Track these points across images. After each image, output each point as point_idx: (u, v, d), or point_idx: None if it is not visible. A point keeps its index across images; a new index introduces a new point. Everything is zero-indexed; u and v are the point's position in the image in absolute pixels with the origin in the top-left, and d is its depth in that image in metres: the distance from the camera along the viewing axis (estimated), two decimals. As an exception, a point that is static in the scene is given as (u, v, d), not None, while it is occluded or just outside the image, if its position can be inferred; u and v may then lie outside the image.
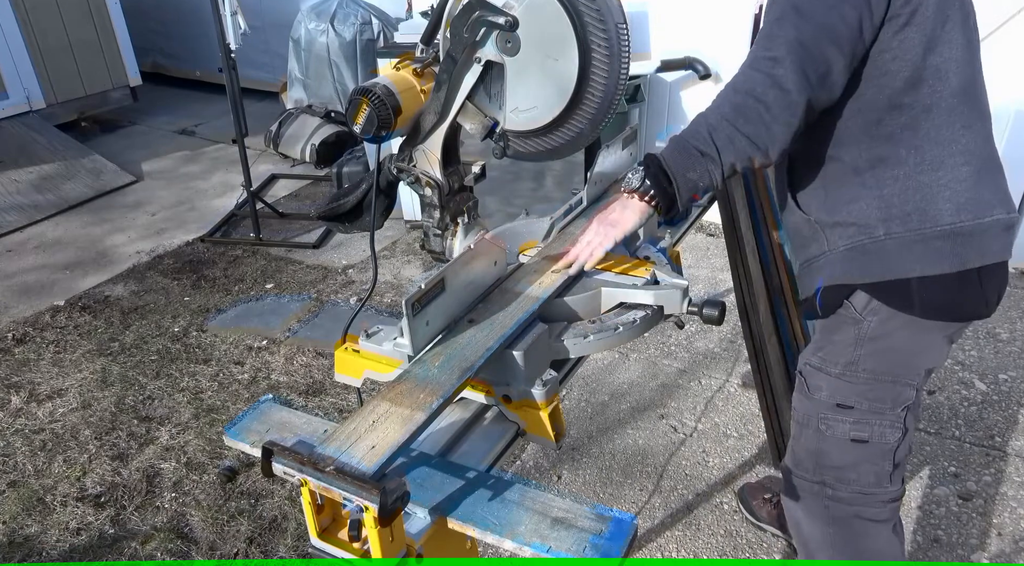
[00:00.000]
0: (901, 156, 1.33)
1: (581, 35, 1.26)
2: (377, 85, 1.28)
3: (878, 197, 1.35)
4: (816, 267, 1.47)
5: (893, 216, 1.34)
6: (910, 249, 1.34)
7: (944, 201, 1.32)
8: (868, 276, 1.39)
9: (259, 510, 2.47)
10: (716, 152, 1.25)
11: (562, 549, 0.99)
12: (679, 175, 1.28)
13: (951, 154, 1.32)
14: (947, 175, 1.32)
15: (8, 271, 4.20)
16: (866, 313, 1.42)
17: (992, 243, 1.35)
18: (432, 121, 1.37)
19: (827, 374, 1.50)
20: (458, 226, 1.48)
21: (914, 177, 1.33)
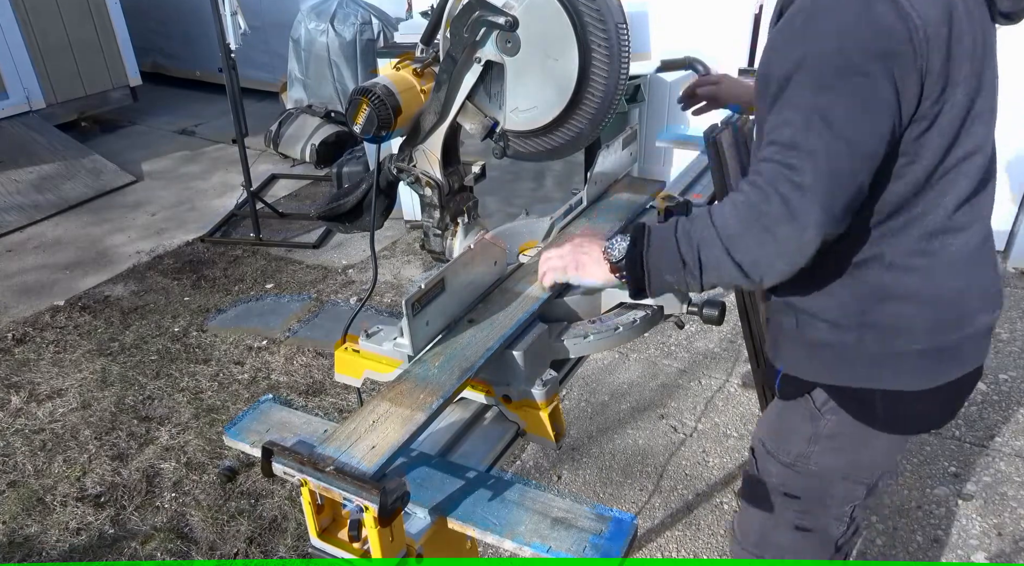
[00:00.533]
0: (885, 263, 1.18)
1: (581, 35, 1.26)
2: (377, 85, 1.28)
3: (855, 301, 1.21)
4: (781, 346, 1.35)
5: (867, 324, 1.21)
6: (881, 363, 1.23)
7: (925, 318, 1.20)
8: (832, 379, 1.28)
9: (259, 510, 2.47)
10: (699, 270, 1.12)
11: (562, 549, 0.99)
12: (655, 274, 1.17)
13: (941, 264, 1.18)
14: (933, 289, 1.19)
15: (8, 271, 4.20)
16: (825, 411, 1.31)
17: (970, 353, 1.26)
18: (432, 121, 1.37)
19: (778, 461, 1.40)
20: (458, 226, 1.48)
21: (896, 289, 1.19)
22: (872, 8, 1.01)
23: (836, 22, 1.02)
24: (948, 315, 1.21)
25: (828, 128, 1.02)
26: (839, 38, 1.01)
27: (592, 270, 1.26)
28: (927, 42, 1.01)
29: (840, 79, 1.01)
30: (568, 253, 1.30)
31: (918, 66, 1.02)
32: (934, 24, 1.02)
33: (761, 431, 1.48)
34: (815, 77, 1.02)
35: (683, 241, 1.12)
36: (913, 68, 1.02)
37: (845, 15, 1.02)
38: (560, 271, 1.30)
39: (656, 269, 1.16)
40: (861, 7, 1.01)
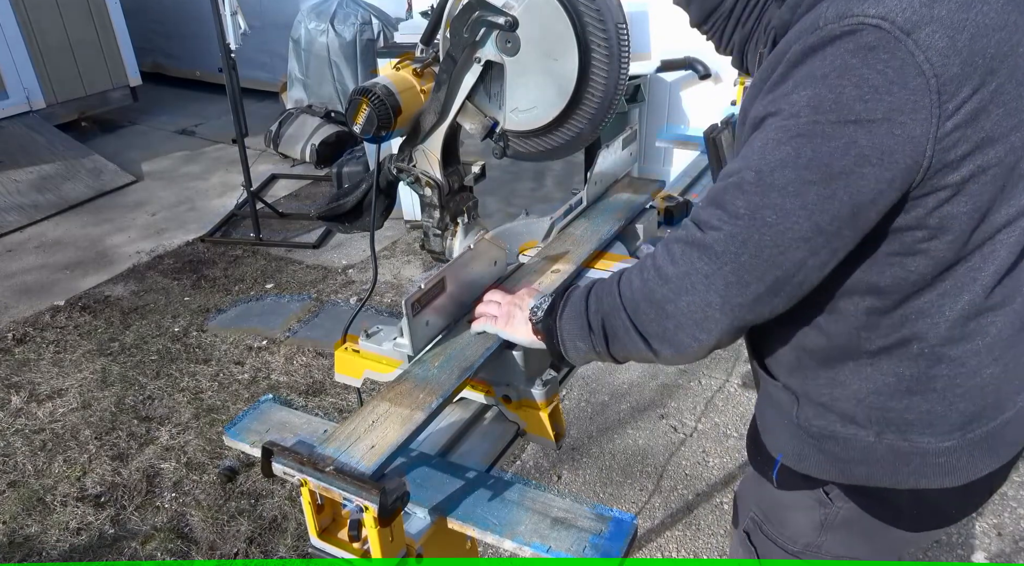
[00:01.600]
0: (912, 352, 0.98)
1: (581, 35, 1.26)
2: (377, 85, 1.28)
3: (873, 393, 1.01)
4: (778, 433, 1.14)
5: (888, 420, 1.01)
6: (907, 461, 1.03)
7: (957, 412, 1.00)
8: (847, 478, 1.08)
9: (259, 510, 2.47)
10: (604, 340, 1.02)
11: (562, 549, 0.99)
12: (568, 341, 1.08)
13: (975, 352, 0.97)
14: (967, 380, 0.98)
15: (8, 271, 4.20)
16: (835, 497, 1.12)
17: (1009, 439, 1.06)
18: (432, 121, 1.37)
19: (781, 549, 1.23)
20: (458, 226, 1.48)
21: (923, 381, 0.99)
22: (866, 63, 0.80)
23: (818, 72, 0.82)
24: (984, 405, 1.01)
25: (760, 191, 0.85)
26: (814, 91, 0.83)
27: (520, 329, 1.18)
28: (938, 99, 0.79)
29: (797, 140, 0.83)
30: (505, 305, 1.22)
31: (921, 131, 0.81)
32: (953, 77, 0.79)
33: (751, 504, 1.28)
34: (773, 131, 0.85)
35: (592, 306, 1.04)
36: (909, 134, 0.81)
37: (831, 67, 0.82)
38: (491, 322, 1.23)
39: (569, 338, 1.07)
40: (853, 59, 0.80)
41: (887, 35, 0.79)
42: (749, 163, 0.87)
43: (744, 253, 0.87)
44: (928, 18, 0.79)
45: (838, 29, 0.81)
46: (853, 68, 0.80)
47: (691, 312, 0.92)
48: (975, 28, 0.80)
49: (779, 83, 0.86)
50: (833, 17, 0.82)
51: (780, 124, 0.85)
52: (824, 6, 0.85)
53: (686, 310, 0.92)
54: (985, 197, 0.87)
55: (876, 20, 0.79)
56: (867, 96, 0.80)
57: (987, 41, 0.81)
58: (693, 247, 0.91)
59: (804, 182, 0.83)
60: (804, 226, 0.85)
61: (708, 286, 0.90)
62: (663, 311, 0.94)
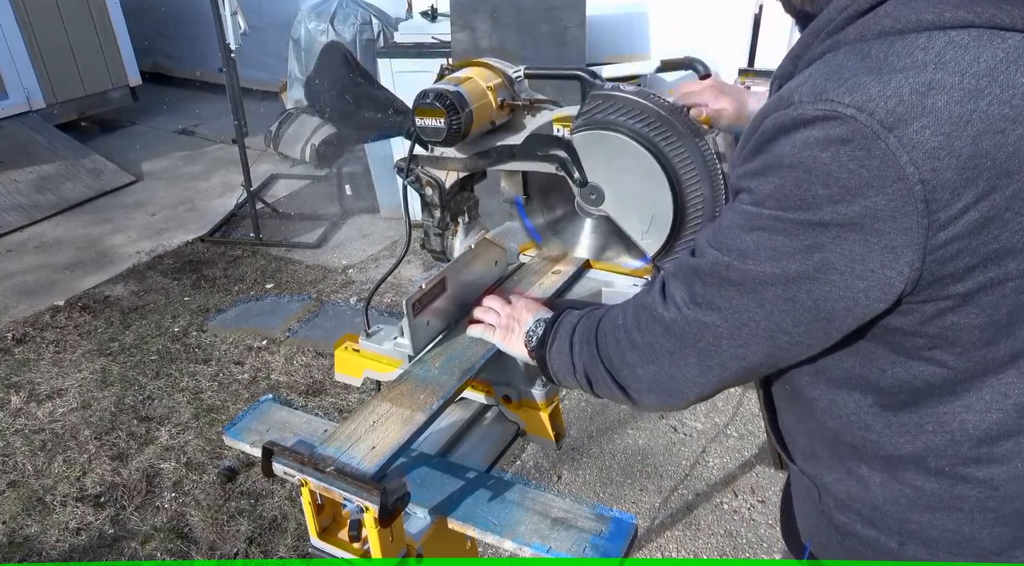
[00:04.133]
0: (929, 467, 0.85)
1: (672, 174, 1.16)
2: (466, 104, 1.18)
3: (891, 502, 0.89)
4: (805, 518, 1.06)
5: (913, 534, 0.89)
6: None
7: (991, 538, 0.86)
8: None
9: (259, 510, 2.47)
10: (589, 385, 1.02)
11: (562, 549, 0.99)
12: (559, 374, 1.07)
13: (1009, 477, 0.83)
14: (1003, 505, 0.84)
15: (8, 271, 4.20)
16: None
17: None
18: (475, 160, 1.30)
19: None
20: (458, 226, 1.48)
21: (946, 499, 0.86)
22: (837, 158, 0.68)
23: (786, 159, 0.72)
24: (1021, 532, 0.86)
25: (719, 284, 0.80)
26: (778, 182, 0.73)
27: (517, 345, 1.17)
28: (927, 207, 0.67)
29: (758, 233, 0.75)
30: (504, 317, 1.21)
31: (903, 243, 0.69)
32: (948, 182, 0.66)
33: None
34: (743, 215, 0.77)
35: (576, 349, 1.03)
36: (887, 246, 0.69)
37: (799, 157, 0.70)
38: (490, 332, 1.22)
39: (558, 370, 1.07)
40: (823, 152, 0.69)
41: (863, 129, 0.67)
42: (712, 245, 0.81)
43: (701, 341, 0.83)
44: (919, 110, 0.66)
45: (810, 112, 0.69)
46: (823, 164, 0.69)
47: (658, 381, 0.90)
48: (985, 122, 0.66)
49: (751, 157, 0.76)
50: (808, 96, 0.70)
51: (745, 209, 0.77)
52: (806, 76, 0.73)
53: (653, 378, 0.90)
54: (1004, 310, 0.74)
55: (852, 110, 0.67)
56: (836, 197, 0.69)
57: (1002, 138, 0.66)
58: (655, 321, 0.88)
59: (761, 282, 0.76)
60: (762, 325, 0.78)
61: (672, 362, 0.87)
62: (634, 373, 0.93)
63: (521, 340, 1.16)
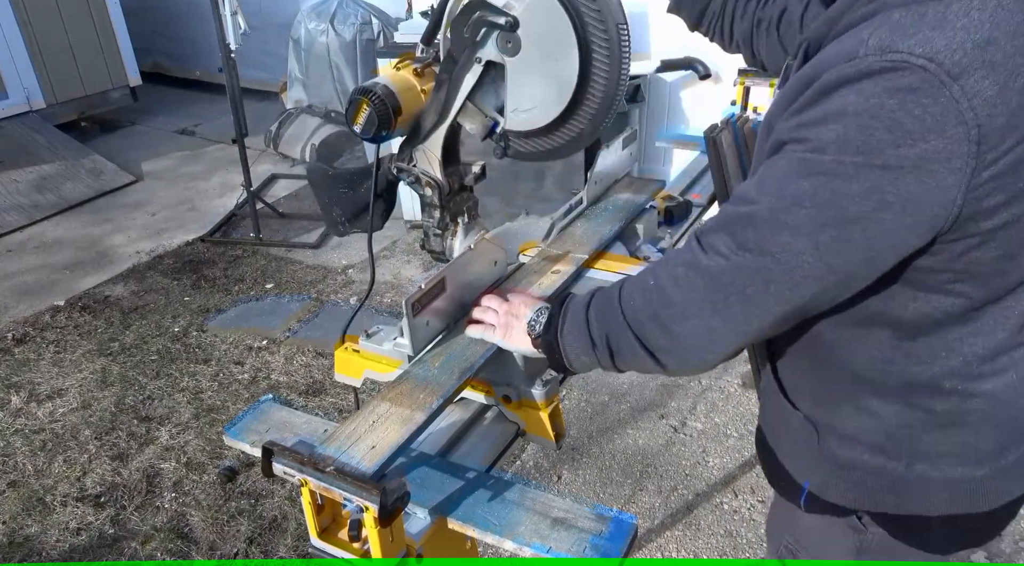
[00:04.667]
0: (943, 389, 0.95)
1: (582, 35, 1.26)
2: (377, 85, 1.28)
3: (901, 427, 0.99)
4: (802, 462, 1.12)
5: (921, 453, 0.99)
6: (937, 490, 1.01)
7: (991, 442, 0.98)
8: (876, 506, 1.06)
9: (259, 510, 2.47)
10: (609, 354, 1.01)
11: (562, 549, 0.99)
12: (571, 354, 1.06)
13: (1009, 385, 0.95)
14: (1000, 412, 0.97)
15: (8, 271, 4.20)
16: (868, 523, 1.10)
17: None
18: (432, 121, 1.37)
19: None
20: (458, 226, 1.48)
21: (953, 417, 0.96)
22: (903, 105, 0.74)
23: (851, 107, 0.76)
24: (1018, 433, 1.00)
25: (773, 227, 0.82)
26: (842, 129, 0.77)
27: (519, 339, 1.16)
28: (978, 149, 0.74)
29: (818, 177, 0.79)
30: (503, 315, 1.20)
31: (957, 180, 0.76)
32: (998, 128, 0.74)
33: (783, 532, 1.26)
34: (795, 163, 0.81)
35: (594, 322, 1.02)
36: (943, 183, 0.76)
37: (866, 104, 0.75)
38: (489, 331, 1.21)
39: (572, 351, 1.06)
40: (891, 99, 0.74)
41: (932, 78, 0.72)
42: (764, 192, 0.84)
43: (751, 286, 0.85)
44: (980, 62, 0.73)
45: (878, 63, 0.74)
46: (889, 110, 0.74)
47: (696, 335, 0.91)
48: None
49: (806, 108, 0.80)
50: (875, 48, 0.75)
51: (802, 156, 0.80)
52: (866, 31, 0.77)
53: (691, 333, 0.91)
54: (1016, 242, 0.84)
55: (922, 61, 0.73)
56: (900, 141, 0.74)
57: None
58: (698, 273, 0.89)
59: (818, 224, 0.80)
60: (815, 266, 0.82)
61: (713, 313, 0.88)
62: (669, 332, 0.93)
63: (523, 333, 1.15)
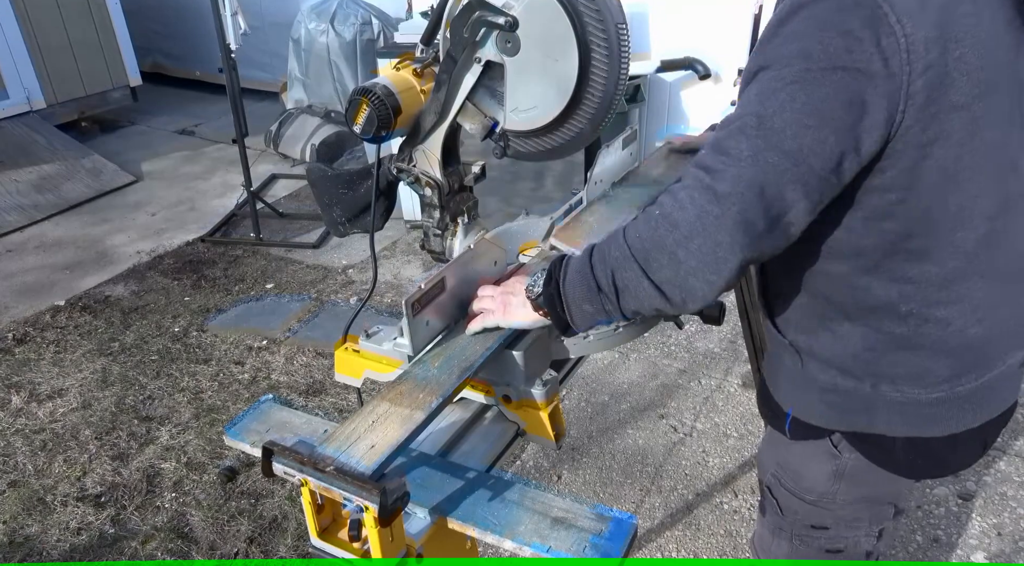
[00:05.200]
0: (900, 313, 1.08)
1: (581, 35, 1.26)
2: (377, 85, 1.28)
3: (867, 350, 1.12)
4: (788, 388, 1.26)
5: (883, 373, 1.13)
6: (900, 411, 1.14)
7: (945, 367, 1.10)
8: (847, 426, 1.20)
9: (259, 510, 2.47)
10: (615, 294, 1.03)
11: (562, 549, 0.99)
12: (573, 304, 1.08)
13: (962, 313, 1.07)
14: (953, 338, 1.08)
15: (8, 271, 4.20)
16: (843, 448, 1.23)
17: (999, 394, 1.16)
18: (432, 121, 1.37)
19: (801, 500, 1.34)
20: (458, 226, 1.48)
21: (912, 338, 1.09)
22: (847, 19, 0.89)
23: (805, 27, 0.91)
24: (972, 360, 1.11)
25: (761, 133, 0.92)
26: (801, 43, 0.91)
27: (518, 312, 1.18)
28: (908, 59, 0.88)
29: (792, 86, 0.91)
30: (498, 296, 1.22)
31: (894, 86, 0.89)
32: (920, 40, 0.88)
33: (771, 467, 1.38)
34: (768, 81, 0.93)
35: (597, 265, 1.04)
36: (884, 88, 0.89)
37: (817, 22, 0.91)
38: (489, 316, 1.22)
39: (575, 301, 1.07)
40: (836, 15, 0.89)
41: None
42: (748, 110, 0.94)
43: (749, 192, 0.93)
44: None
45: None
46: (837, 23, 0.89)
47: (703, 254, 0.95)
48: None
49: (770, 38, 0.95)
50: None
51: (774, 74, 0.93)
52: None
53: (697, 253, 0.95)
54: (950, 163, 0.96)
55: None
56: (852, 47, 0.88)
57: (953, 13, 0.90)
58: (702, 191, 0.95)
59: (801, 126, 0.91)
60: (801, 168, 0.92)
61: (718, 227, 0.94)
62: (675, 257, 0.97)
63: (521, 304, 1.17)
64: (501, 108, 1.36)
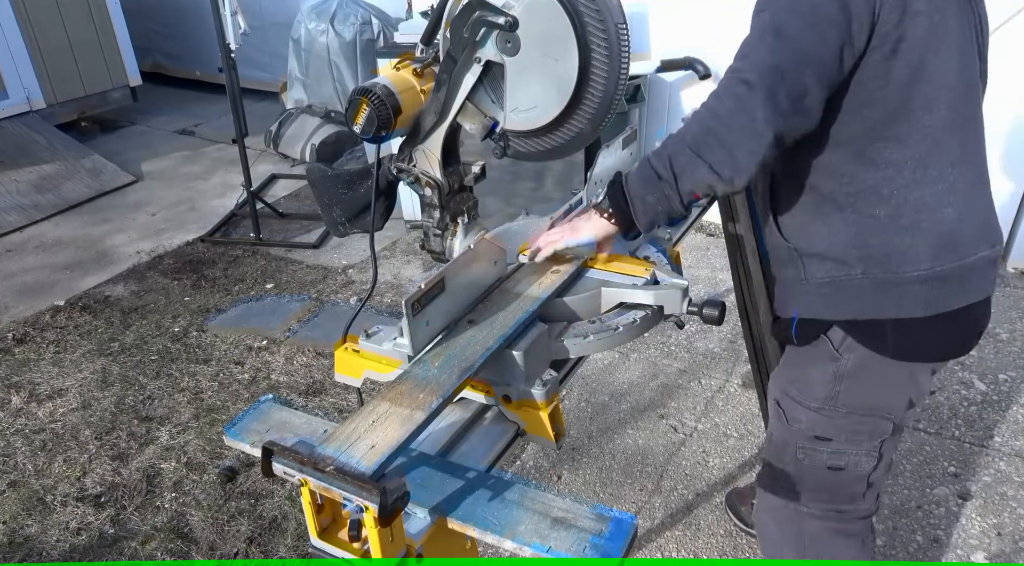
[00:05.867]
0: (883, 195, 1.27)
1: (581, 35, 1.26)
2: (377, 85, 1.28)
3: (857, 235, 1.30)
4: (792, 295, 1.45)
5: (871, 256, 1.30)
6: (887, 291, 1.31)
7: (924, 245, 1.28)
8: (843, 314, 1.36)
9: (259, 510, 2.47)
10: (673, 178, 1.23)
11: (562, 549, 0.99)
12: (636, 198, 1.29)
13: (935, 194, 1.27)
14: (929, 217, 1.27)
15: (8, 271, 4.20)
16: (843, 349, 1.39)
17: (973, 283, 1.32)
18: (432, 121, 1.37)
19: (805, 408, 1.48)
20: (458, 226, 1.49)
21: (894, 219, 1.27)
22: None
23: None
24: (947, 242, 1.28)
25: (777, 37, 1.16)
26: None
27: (585, 227, 1.38)
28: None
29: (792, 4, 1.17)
30: (565, 224, 1.43)
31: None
32: None
33: (780, 382, 1.55)
34: (776, 8, 1.18)
35: (655, 159, 1.26)
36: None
37: None
38: (552, 242, 1.40)
39: (637, 193, 1.28)
40: None
41: None
42: (765, 24, 1.18)
43: (773, 76, 1.15)
44: None
45: None
46: None
47: (743, 130, 1.17)
48: None
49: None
50: None
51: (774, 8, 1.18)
52: None
53: (739, 131, 1.17)
54: (915, 58, 1.19)
55: None
56: None
57: None
58: (735, 84, 1.17)
59: (808, 27, 1.16)
60: (813, 58, 1.16)
61: (753, 105, 1.15)
62: (721, 139, 1.18)
63: (586, 218, 1.39)
64: (501, 108, 1.36)
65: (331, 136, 5.25)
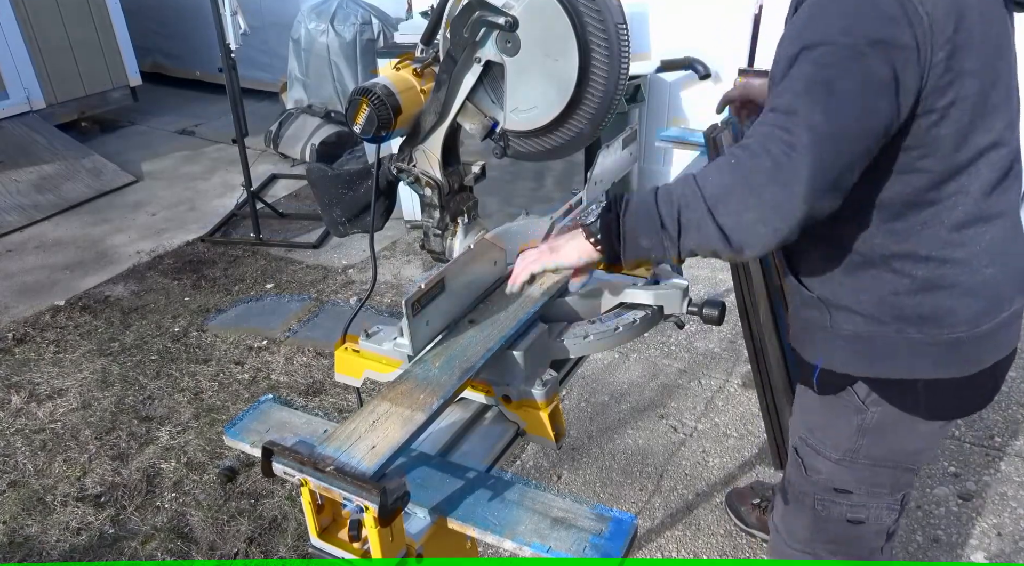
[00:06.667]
0: (919, 256, 1.18)
1: (581, 35, 1.26)
2: (377, 85, 1.28)
3: (892, 294, 1.21)
4: (815, 341, 1.35)
5: (906, 317, 1.21)
6: (922, 352, 1.23)
7: (963, 307, 1.20)
8: (873, 372, 1.29)
9: (259, 510, 2.47)
10: (677, 231, 1.07)
11: (562, 549, 0.99)
12: (630, 235, 1.11)
13: (974, 255, 1.18)
14: (968, 280, 1.19)
15: (8, 271, 4.20)
16: (869, 403, 1.32)
17: (1006, 337, 1.27)
18: (432, 121, 1.37)
19: (826, 458, 1.41)
20: (458, 226, 1.49)
21: (931, 281, 1.19)
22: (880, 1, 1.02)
23: (841, 10, 1.03)
24: (986, 303, 1.21)
25: (831, 95, 1.01)
26: (842, 23, 1.02)
27: (568, 250, 1.20)
28: (931, 34, 1.02)
29: (842, 60, 1.02)
30: (544, 246, 1.25)
31: (921, 58, 1.02)
32: (940, 18, 1.02)
33: (799, 428, 1.47)
34: (818, 56, 1.03)
35: (663, 202, 1.08)
36: (915, 59, 1.02)
37: (854, 4, 1.03)
38: (529, 267, 1.24)
39: (632, 232, 1.11)
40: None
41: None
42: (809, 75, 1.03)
43: (827, 144, 1.00)
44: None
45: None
46: (872, 3, 1.02)
47: (775, 203, 1.01)
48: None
49: (812, 20, 1.06)
50: None
51: (826, 50, 1.03)
52: None
53: (770, 203, 1.01)
54: (964, 122, 1.09)
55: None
56: (888, 25, 1.01)
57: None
58: (777, 143, 1.01)
59: (860, 91, 1.01)
60: (863, 128, 1.02)
61: (794, 178, 0.99)
62: (745, 204, 1.02)
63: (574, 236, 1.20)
64: (501, 108, 1.36)
65: (331, 136, 5.25)
